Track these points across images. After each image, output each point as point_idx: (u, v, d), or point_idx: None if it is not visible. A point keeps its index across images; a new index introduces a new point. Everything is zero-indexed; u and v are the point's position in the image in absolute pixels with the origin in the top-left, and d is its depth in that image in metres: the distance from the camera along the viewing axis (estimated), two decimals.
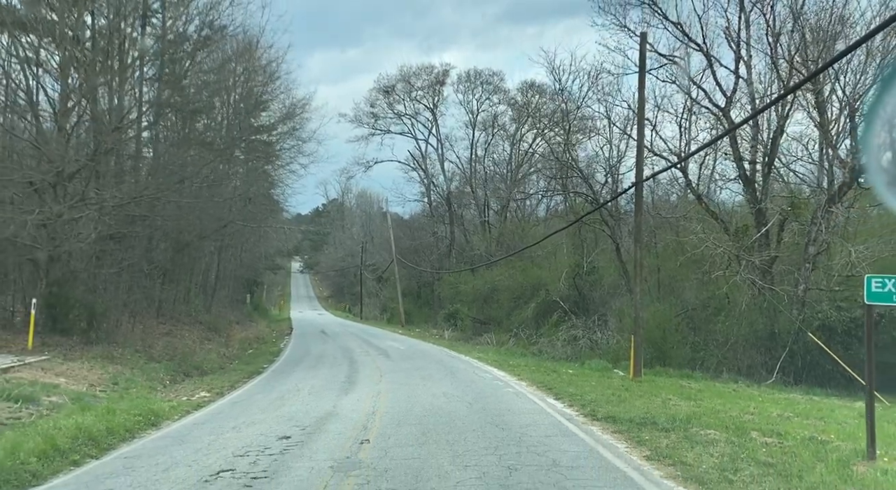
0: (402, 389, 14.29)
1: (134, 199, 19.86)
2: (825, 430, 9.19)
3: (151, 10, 26.31)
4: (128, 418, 10.78)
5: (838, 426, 9.62)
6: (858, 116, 16.42)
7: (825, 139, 18.11)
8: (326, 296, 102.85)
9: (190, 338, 26.42)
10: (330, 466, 7.58)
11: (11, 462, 7.71)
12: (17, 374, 14.49)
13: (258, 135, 31.96)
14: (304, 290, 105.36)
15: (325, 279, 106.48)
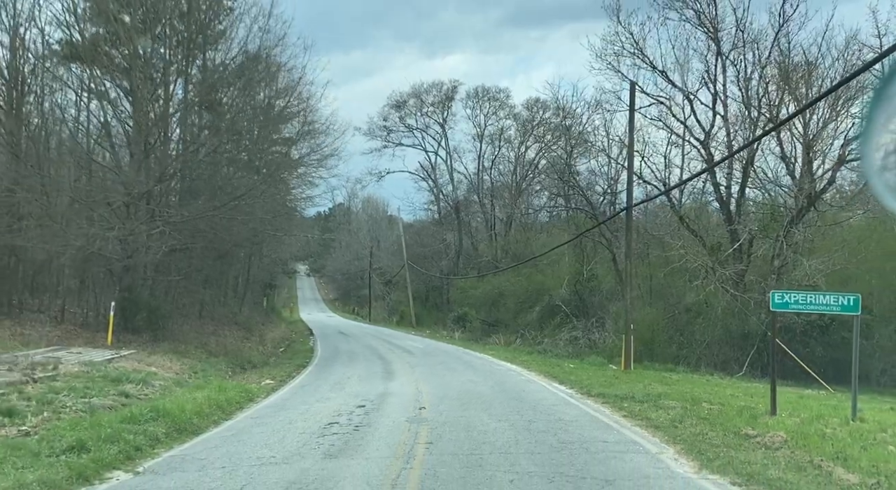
0: (434, 377, 17.81)
1: (197, 217, 23.41)
2: (758, 404, 12.68)
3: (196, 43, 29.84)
4: (234, 394, 14.31)
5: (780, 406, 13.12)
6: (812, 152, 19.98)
7: (787, 170, 21.66)
8: (332, 298, 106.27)
9: (231, 337, 29.95)
10: (405, 420, 11.11)
11: (181, 418, 11.22)
12: (119, 364, 17.98)
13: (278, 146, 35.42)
14: (311, 292, 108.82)
15: (332, 282, 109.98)
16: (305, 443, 9.57)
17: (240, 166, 29.03)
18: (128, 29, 26.69)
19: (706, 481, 7.10)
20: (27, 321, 22.98)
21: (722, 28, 22.40)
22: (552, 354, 26.79)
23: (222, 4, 28.56)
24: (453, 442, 9.27)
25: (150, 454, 9.14)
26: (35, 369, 15.09)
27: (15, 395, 12.46)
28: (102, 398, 13.24)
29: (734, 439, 8.88)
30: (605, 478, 7.20)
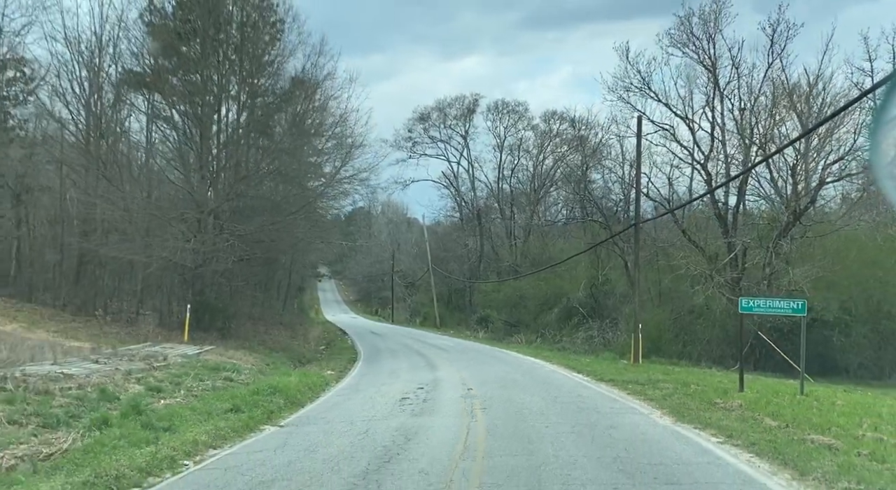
0: (471, 368, 21.43)
1: (258, 230, 27.20)
2: (735, 386, 16.19)
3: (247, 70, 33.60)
4: (314, 379, 18.04)
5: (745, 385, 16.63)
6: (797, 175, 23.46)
7: (775, 190, 25.09)
8: (353, 300, 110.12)
9: (280, 336, 33.75)
10: (459, 396, 14.74)
11: (291, 394, 14.91)
12: (207, 357, 21.75)
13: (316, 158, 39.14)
14: (332, 294, 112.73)
15: (353, 284, 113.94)
16: (391, 409, 13.23)
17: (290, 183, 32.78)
18: (189, 60, 30.64)
19: (678, 427, 10.69)
20: (112, 322, 26.88)
21: (720, 64, 26.00)
22: (570, 351, 30.32)
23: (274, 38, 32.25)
24: (500, 408, 12.89)
25: (282, 415, 12.86)
26: (150, 360, 18.89)
27: (151, 378, 16.23)
28: (214, 381, 17.02)
29: (705, 405, 12.43)
30: (610, 425, 10.81)
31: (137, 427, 10.84)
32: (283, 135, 32.22)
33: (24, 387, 12.65)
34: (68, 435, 10.18)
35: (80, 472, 7.76)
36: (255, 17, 31.46)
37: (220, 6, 30.55)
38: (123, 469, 8.06)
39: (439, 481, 7.46)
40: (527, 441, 9.76)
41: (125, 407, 12.25)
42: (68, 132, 28.92)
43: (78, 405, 12.13)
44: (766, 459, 8.04)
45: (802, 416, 10.73)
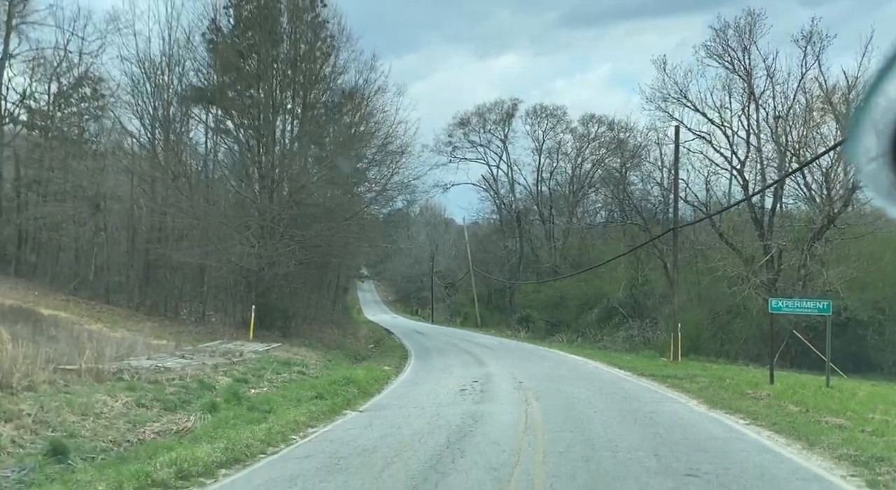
0: (518, 364, 23.13)
1: (316, 236, 29.28)
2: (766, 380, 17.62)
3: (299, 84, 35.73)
4: (377, 373, 19.94)
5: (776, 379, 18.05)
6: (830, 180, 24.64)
7: (809, 194, 26.26)
8: (392, 300, 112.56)
9: (334, 334, 35.84)
10: (513, 388, 16.47)
11: (362, 384, 16.81)
12: (275, 353, 23.81)
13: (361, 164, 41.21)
14: (371, 295, 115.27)
15: (391, 285, 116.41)
16: (454, 398, 15.02)
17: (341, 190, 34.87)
18: (247, 76, 32.91)
19: (711, 413, 12.27)
20: (183, 321, 29.24)
21: (755, 74, 27.30)
22: (611, 350, 31.80)
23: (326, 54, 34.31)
24: (552, 398, 14.59)
25: (359, 403, 14.74)
26: (228, 356, 21.01)
27: (235, 371, 18.28)
28: (289, 374, 19.05)
29: (736, 396, 13.96)
30: (651, 411, 12.44)
31: (244, 410, 12.84)
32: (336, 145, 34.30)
33: (138, 377, 14.75)
34: (188, 416, 12.19)
35: (218, 442, 9.68)
36: (308, 34, 33.58)
37: (275, 24, 32.74)
38: (249, 440, 9.99)
39: (510, 449, 9.22)
40: (578, 422, 11.46)
41: (226, 394, 14.29)
42: (139, 145, 31.40)
43: (185, 393, 14.18)
44: (783, 435, 9.63)
45: (822, 403, 12.21)
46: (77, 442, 9.80)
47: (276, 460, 9.26)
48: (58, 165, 30.40)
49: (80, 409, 11.19)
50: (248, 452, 9.50)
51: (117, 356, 17.06)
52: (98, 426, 10.89)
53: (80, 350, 15.68)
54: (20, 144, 31.99)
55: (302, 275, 31.52)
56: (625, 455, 8.76)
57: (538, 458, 8.77)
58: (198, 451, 8.93)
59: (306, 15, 33.29)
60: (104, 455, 9.56)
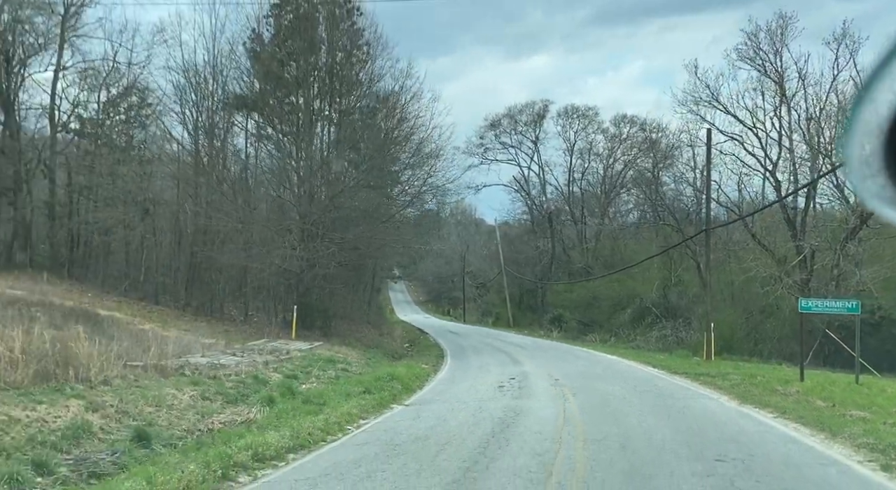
0: (553, 363, 23.87)
1: (354, 238, 30.34)
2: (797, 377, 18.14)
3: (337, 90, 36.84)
4: (417, 371, 20.87)
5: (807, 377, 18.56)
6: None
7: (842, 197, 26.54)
8: (423, 300, 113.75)
9: (371, 334, 36.92)
10: (549, 385, 17.26)
11: (405, 380, 17.74)
12: (318, 351, 24.88)
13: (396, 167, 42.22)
14: (402, 295, 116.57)
15: (422, 285, 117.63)
16: (493, 394, 15.86)
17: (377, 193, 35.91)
18: (287, 83, 34.12)
19: (742, 408, 12.94)
20: (228, 321, 30.51)
21: (787, 76, 27.66)
22: (644, 350, 32.33)
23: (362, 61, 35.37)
24: (587, 394, 15.35)
25: (404, 397, 15.66)
26: (276, 354, 22.11)
27: (284, 368, 19.34)
28: (335, 371, 20.07)
29: (767, 392, 14.58)
30: (684, 406, 13.15)
31: (299, 403, 13.84)
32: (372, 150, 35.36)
33: (198, 373, 15.86)
34: (249, 408, 13.22)
35: (283, 430, 10.65)
36: (344, 42, 34.68)
37: (313, 32, 33.90)
38: (310, 429, 10.95)
39: (552, 439, 10.04)
40: (614, 416, 12.22)
41: (280, 388, 15.33)
42: (184, 151, 32.79)
43: (242, 387, 15.24)
44: (808, 427, 10.30)
45: (849, 398, 12.80)
46: (156, 430, 10.86)
47: (338, 446, 10.20)
48: (107, 171, 31.89)
49: (154, 401, 12.28)
50: (311, 440, 10.46)
51: (175, 354, 18.23)
52: (171, 416, 11.97)
53: (143, 348, 16.88)
54: (72, 152, 33.60)
55: (340, 276, 32.61)
56: (658, 444, 9.52)
57: (578, 445, 9.58)
58: (268, 437, 9.91)
59: (343, 24, 34.40)
60: (181, 441, 10.61)
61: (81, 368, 12.62)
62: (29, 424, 9.56)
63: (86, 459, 9.04)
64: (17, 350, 11.43)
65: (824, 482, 7.43)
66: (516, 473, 7.93)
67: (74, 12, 31.56)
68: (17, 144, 31.71)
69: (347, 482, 7.77)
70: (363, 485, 7.64)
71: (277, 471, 8.70)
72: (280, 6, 33.64)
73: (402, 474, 8.07)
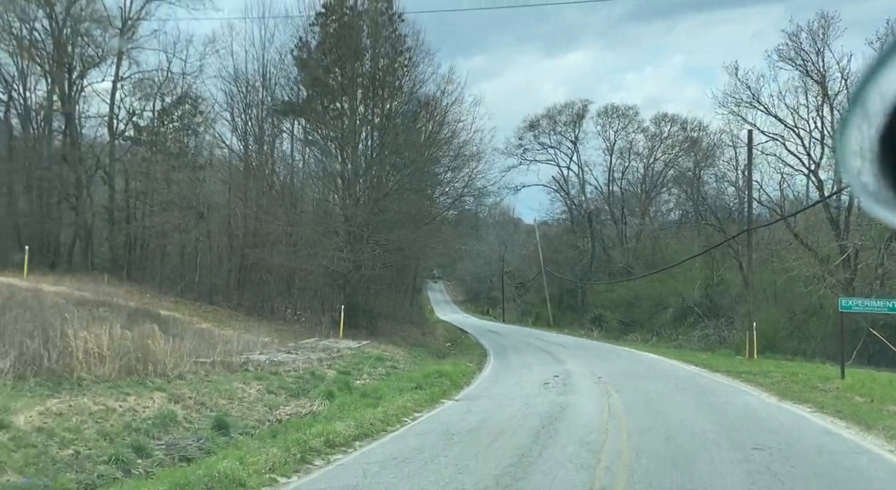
0: (595, 362, 24.48)
1: (399, 239, 31.32)
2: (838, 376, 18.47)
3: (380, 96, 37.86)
4: (463, 368, 21.72)
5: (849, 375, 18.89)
6: None
7: None
8: (461, 300, 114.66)
9: (413, 333, 37.89)
10: (593, 382, 17.94)
11: (453, 377, 18.60)
12: (365, 350, 25.90)
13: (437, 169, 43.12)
14: (441, 295, 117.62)
15: (461, 285, 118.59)
16: (538, 391, 16.62)
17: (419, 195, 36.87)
18: (332, 89, 35.28)
19: (782, 403, 13.48)
20: (278, 320, 31.76)
21: (829, 76, 27.76)
22: (686, 349, 32.67)
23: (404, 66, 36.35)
24: (630, 391, 16.01)
25: (453, 393, 16.52)
26: (327, 352, 23.17)
27: (337, 365, 20.36)
28: (385, 368, 21.04)
29: (807, 389, 15.06)
30: (725, 402, 13.75)
31: (356, 397, 14.82)
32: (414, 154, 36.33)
33: (260, 369, 16.94)
34: (311, 401, 14.23)
35: (348, 421, 11.59)
36: (387, 48, 35.70)
37: (357, 40, 34.98)
38: (371, 420, 11.88)
39: (598, 431, 10.78)
40: (657, 412, 12.89)
41: (338, 384, 16.34)
42: (234, 157, 34.19)
43: (302, 382, 16.27)
44: (845, 421, 10.85)
45: (888, 395, 13.24)
46: (231, 420, 11.91)
47: (399, 436, 11.10)
48: (162, 177, 33.45)
49: (226, 394, 13.35)
50: (373, 429, 11.38)
51: (237, 351, 19.39)
52: (243, 408, 13.03)
53: (207, 345, 18.04)
54: (129, 158, 35.28)
55: (384, 277, 33.65)
56: (699, 435, 10.19)
57: (623, 437, 10.31)
58: (336, 426, 10.85)
59: (385, 30, 35.42)
60: (256, 430, 11.63)
61: (159, 364, 13.75)
62: (123, 413, 10.66)
63: (175, 444, 10.10)
64: (104, 347, 12.58)
65: (855, 468, 8.05)
66: (567, 459, 8.71)
67: (131, 25, 33.21)
68: (77, 152, 33.47)
69: (413, 465, 8.64)
70: (427, 468, 8.51)
71: (347, 456, 9.63)
72: (325, 15, 34.81)
73: (462, 459, 8.92)
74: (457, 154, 38.21)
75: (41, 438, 8.90)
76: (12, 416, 9.14)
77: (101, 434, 9.60)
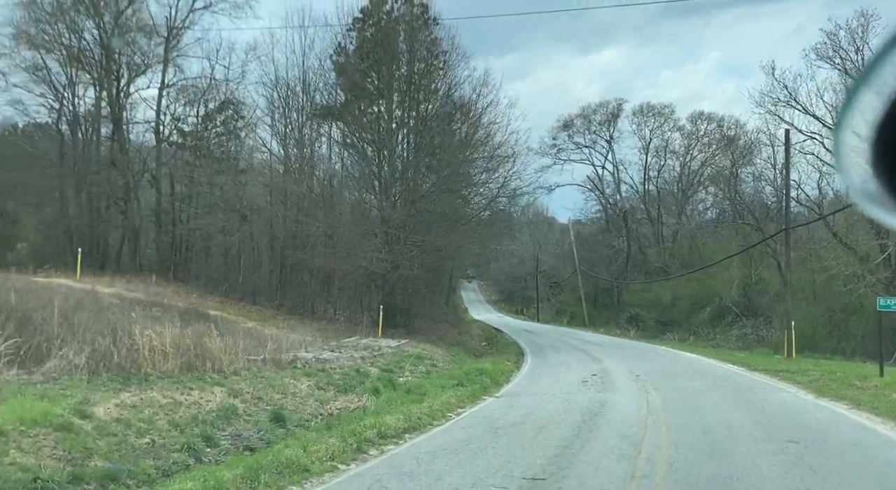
0: (632, 361, 24.82)
1: (436, 240, 31.99)
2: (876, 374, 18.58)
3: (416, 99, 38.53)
4: (502, 367, 22.27)
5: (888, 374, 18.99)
6: None
7: None
8: (495, 299, 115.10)
9: (450, 332, 38.52)
10: (631, 380, 18.35)
11: (493, 375, 19.17)
12: (404, 349, 26.58)
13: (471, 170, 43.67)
14: (475, 294, 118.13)
15: (494, 284, 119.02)
16: (577, 388, 17.10)
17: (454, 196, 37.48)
18: (369, 93, 36.08)
19: (818, 401, 13.79)
20: (319, 319, 32.65)
21: None
22: (724, 348, 32.77)
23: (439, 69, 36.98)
24: (668, 388, 16.40)
25: (494, 390, 17.09)
26: (369, 350, 23.91)
27: (379, 363, 21.06)
28: (425, 366, 21.70)
29: (844, 387, 15.30)
30: (762, 399, 14.10)
31: (401, 393, 15.49)
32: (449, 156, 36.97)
33: (308, 366, 17.71)
34: (358, 397, 14.93)
35: (397, 415, 12.24)
36: (423, 52, 36.38)
37: (393, 44, 35.72)
38: (419, 414, 12.52)
39: (637, 425, 11.26)
40: (695, 407, 13.32)
41: (383, 380, 17.04)
42: (275, 160, 35.20)
43: (348, 379, 16.99)
44: (881, 417, 11.17)
45: None
46: (287, 413, 12.65)
47: (445, 429, 11.73)
48: (206, 181, 34.59)
49: (279, 389, 14.12)
50: (420, 423, 12.02)
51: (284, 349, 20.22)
52: (296, 402, 13.78)
53: (255, 343, 18.88)
54: (174, 163, 36.55)
55: (421, 277, 34.35)
56: (736, 430, 10.62)
57: (662, 431, 10.79)
58: (387, 420, 11.52)
59: (421, 34, 36.11)
60: (310, 423, 12.36)
61: (216, 361, 14.57)
62: (189, 406, 11.46)
63: (239, 435, 10.86)
64: (167, 345, 13.43)
65: (888, 461, 8.44)
66: (609, 450, 9.24)
67: (176, 34, 34.43)
68: (126, 157, 34.79)
69: (463, 455, 9.25)
70: (477, 457, 9.11)
71: (399, 447, 10.28)
72: (363, 20, 35.64)
73: (509, 449, 9.50)
74: (492, 156, 38.76)
75: (120, 428, 9.71)
76: (93, 407, 9.96)
77: (172, 425, 10.39)
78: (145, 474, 8.55)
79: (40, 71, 34.17)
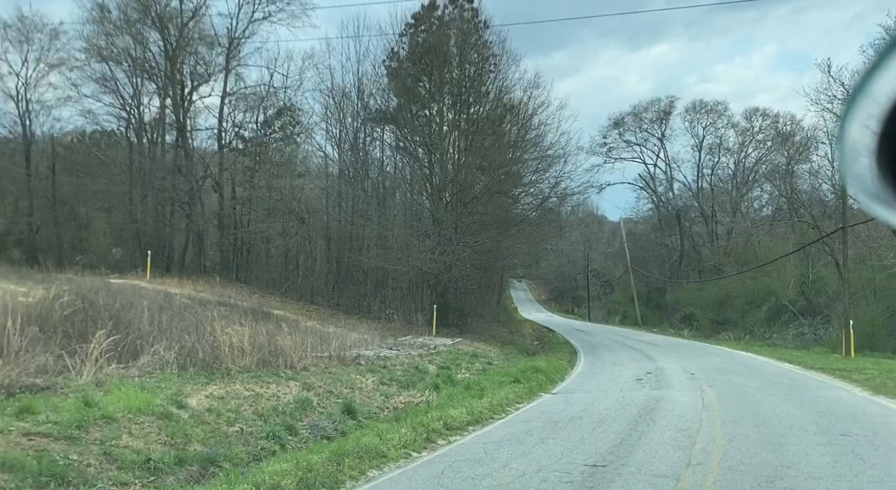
0: (687, 359, 25.10)
1: (487, 241, 32.71)
2: None
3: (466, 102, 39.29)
4: (556, 364, 22.86)
5: None
6: None
7: None
8: (545, 299, 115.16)
9: (502, 331, 39.20)
10: (685, 378, 18.75)
11: (547, 372, 19.80)
12: (459, 347, 27.39)
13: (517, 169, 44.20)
14: (524, 293, 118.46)
15: (544, 283, 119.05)
16: (632, 385, 17.60)
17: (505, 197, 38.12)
18: (421, 97, 36.98)
19: (873, 398, 14.04)
20: (375, 318, 33.70)
21: None
22: (780, 347, 32.62)
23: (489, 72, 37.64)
24: (723, 386, 16.79)
25: (549, 387, 17.72)
26: (425, 348, 24.78)
27: (436, 360, 21.88)
28: (481, 364, 22.44)
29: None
30: (816, 396, 14.42)
31: (461, 389, 16.26)
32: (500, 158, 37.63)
33: (370, 363, 18.65)
34: (420, 393, 15.75)
35: (460, 409, 13.01)
36: (473, 56, 37.12)
37: (444, 48, 36.55)
38: (480, 409, 13.27)
39: (692, 420, 11.79)
40: (749, 403, 13.73)
41: (442, 377, 17.85)
42: (331, 164, 36.42)
43: (409, 375, 17.85)
44: None
45: None
46: (357, 406, 13.55)
47: (506, 422, 12.45)
48: (265, 185, 36.01)
49: (347, 384, 15.05)
50: (482, 417, 12.77)
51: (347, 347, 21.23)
52: (363, 396, 14.68)
53: (321, 341, 19.90)
54: (235, 168, 38.13)
55: (473, 277, 35.13)
56: (789, 423, 11.06)
57: (716, 424, 11.30)
58: (452, 412, 12.31)
59: (472, 38, 36.86)
60: (380, 415, 13.23)
61: (287, 357, 15.60)
62: (269, 398, 12.44)
63: (316, 425, 11.78)
64: (245, 342, 14.50)
65: None
66: (665, 442, 9.83)
67: (236, 44, 35.96)
68: (190, 163, 36.47)
69: (527, 445, 9.96)
70: (540, 447, 9.81)
71: (464, 438, 11.04)
72: (414, 25, 36.58)
73: (570, 440, 10.17)
74: (542, 157, 39.27)
75: (212, 417, 10.71)
76: (187, 398, 11.01)
77: (257, 415, 11.36)
78: (238, 458, 9.50)
79: (109, 82, 36.14)
